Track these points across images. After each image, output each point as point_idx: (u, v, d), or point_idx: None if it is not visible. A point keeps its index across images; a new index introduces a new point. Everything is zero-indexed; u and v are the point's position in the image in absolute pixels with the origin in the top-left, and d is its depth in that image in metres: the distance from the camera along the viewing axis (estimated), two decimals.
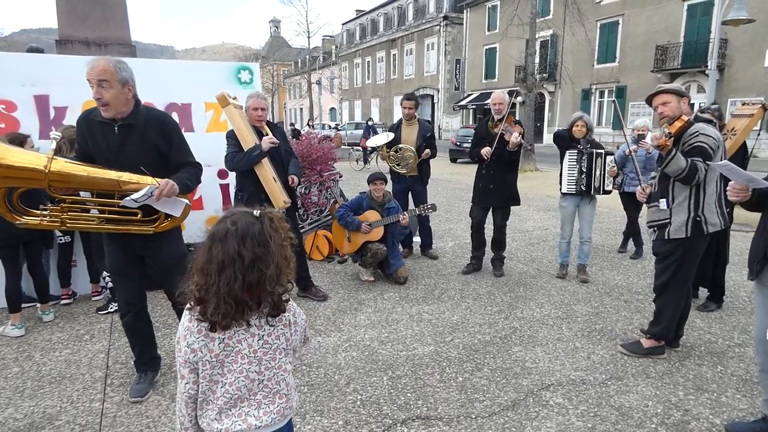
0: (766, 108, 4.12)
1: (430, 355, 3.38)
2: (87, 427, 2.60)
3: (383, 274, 5.02)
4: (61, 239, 4.19)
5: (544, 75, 26.00)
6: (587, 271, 5.03)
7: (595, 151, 4.63)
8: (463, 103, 32.69)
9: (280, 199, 3.91)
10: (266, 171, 3.90)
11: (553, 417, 2.68)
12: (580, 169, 4.67)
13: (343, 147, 19.98)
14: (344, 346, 3.53)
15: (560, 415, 2.70)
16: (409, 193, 5.65)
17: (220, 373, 1.39)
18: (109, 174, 2.55)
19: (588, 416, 2.69)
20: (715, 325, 3.89)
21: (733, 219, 4.08)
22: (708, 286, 4.25)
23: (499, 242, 5.15)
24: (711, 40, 18.49)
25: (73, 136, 3.61)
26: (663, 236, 3.19)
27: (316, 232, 5.78)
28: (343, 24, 50.93)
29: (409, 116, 5.52)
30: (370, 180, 4.95)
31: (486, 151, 4.74)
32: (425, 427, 2.59)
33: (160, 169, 2.64)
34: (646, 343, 3.37)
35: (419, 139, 5.41)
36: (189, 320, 1.38)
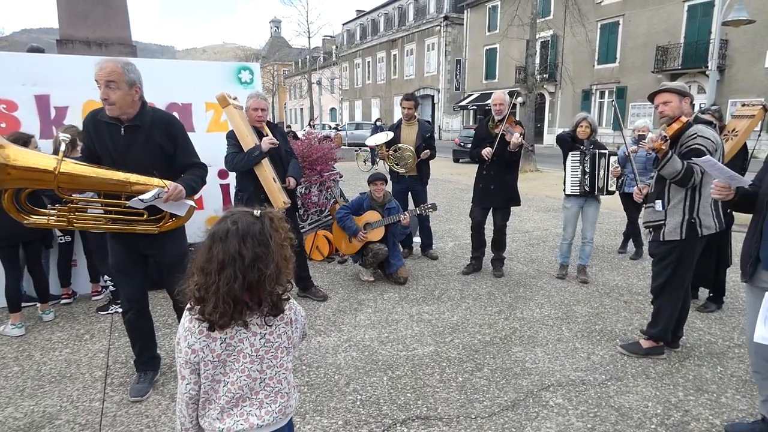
0: (767, 109, 4.12)
1: (430, 356, 3.39)
2: (87, 427, 2.60)
3: (383, 275, 5.02)
4: (62, 239, 4.20)
5: (545, 75, 26.03)
6: (587, 271, 5.03)
7: (598, 151, 4.63)
8: (463, 103, 32.69)
9: (279, 199, 3.91)
10: (266, 171, 3.91)
11: (553, 417, 2.68)
12: (584, 170, 4.67)
13: (343, 147, 20.01)
14: (344, 346, 3.54)
15: (560, 415, 2.70)
16: (409, 194, 5.65)
17: (222, 372, 1.38)
18: (118, 175, 2.57)
19: (588, 417, 2.69)
20: (715, 326, 3.89)
21: (734, 220, 4.09)
22: (709, 287, 4.25)
23: (499, 243, 5.15)
24: (711, 41, 18.49)
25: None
26: (658, 238, 3.20)
27: (316, 233, 5.78)
28: (344, 24, 50.94)
29: (408, 116, 5.52)
30: (371, 180, 4.96)
31: (487, 152, 4.75)
32: (425, 427, 2.60)
33: (166, 170, 2.67)
34: (645, 343, 3.37)
35: (418, 140, 5.41)
36: (189, 321, 1.37)
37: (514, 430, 2.57)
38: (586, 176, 4.66)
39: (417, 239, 6.14)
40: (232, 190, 4.38)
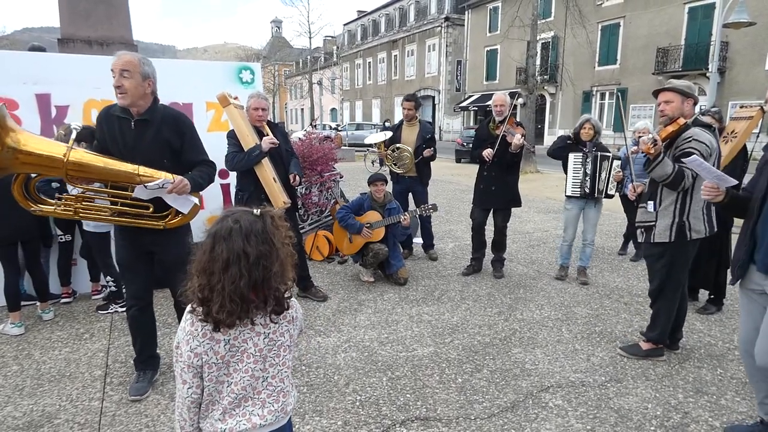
0: (765, 110, 4.12)
1: (430, 356, 3.38)
2: (86, 426, 2.60)
3: (383, 275, 5.02)
4: (62, 238, 4.19)
5: (545, 77, 26.03)
6: (587, 273, 5.03)
7: (600, 153, 4.63)
8: (464, 104, 32.70)
9: (279, 199, 3.91)
10: (266, 171, 3.91)
11: (553, 419, 2.68)
12: (585, 172, 4.67)
13: (344, 148, 20.01)
14: (344, 346, 3.53)
15: (559, 416, 2.70)
16: (410, 194, 5.65)
17: (226, 373, 1.37)
18: (126, 166, 2.61)
19: (587, 418, 2.69)
20: (715, 328, 3.88)
21: (734, 221, 4.09)
22: (709, 289, 4.25)
23: (500, 244, 5.14)
24: (712, 43, 18.52)
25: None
26: (649, 239, 3.21)
27: (317, 233, 5.78)
28: (345, 24, 50.96)
29: (409, 117, 5.52)
30: (371, 181, 4.95)
31: (488, 153, 4.75)
32: (424, 428, 2.59)
33: (174, 166, 2.71)
34: (645, 345, 3.37)
35: (419, 140, 5.40)
36: (191, 324, 1.35)
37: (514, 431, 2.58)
38: (587, 178, 4.66)
39: (417, 240, 6.13)
40: (233, 190, 4.38)
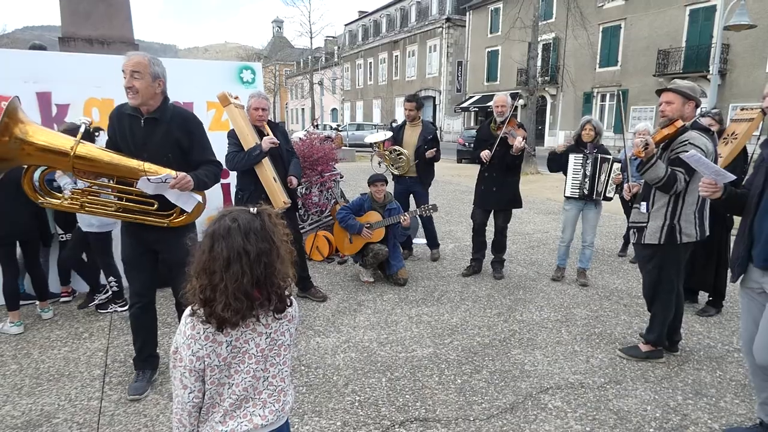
0: (766, 112, 4.12)
1: (429, 357, 3.38)
2: (85, 426, 2.60)
3: (383, 276, 5.01)
4: (62, 237, 4.19)
5: (546, 78, 26.05)
6: (587, 274, 5.02)
7: (600, 155, 4.63)
8: (464, 105, 32.70)
9: (279, 199, 3.91)
10: (266, 171, 3.91)
11: (552, 420, 2.68)
12: (584, 173, 4.67)
13: (344, 148, 20.00)
14: (343, 347, 3.53)
15: (558, 418, 2.70)
16: (411, 195, 5.65)
17: (227, 375, 1.36)
18: (132, 162, 2.66)
19: (586, 420, 2.68)
20: (714, 330, 3.88)
21: (734, 223, 4.08)
22: (708, 291, 4.25)
23: (500, 244, 5.14)
24: (713, 45, 18.52)
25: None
26: (640, 240, 3.21)
27: (317, 233, 5.78)
28: (346, 25, 50.97)
29: (410, 117, 5.52)
30: (371, 182, 4.95)
31: (485, 155, 4.76)
32: (423, 429, 2.59)
33: (182, 165, 2.75)
34: (644, 347, 3.37)
35: (419, 141, 5.40)
36: (191, 328, 1.33)
37: None
38: (586, 180, 4.66)
39: (417, 240, 6.14)
40: (233, 190, 4.38)
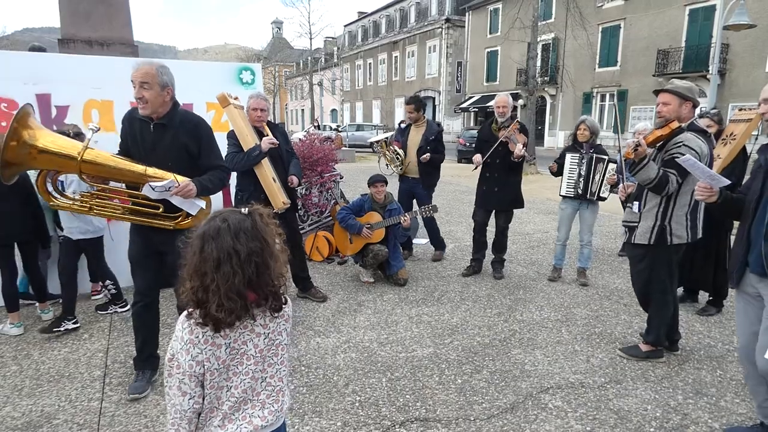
0: (762, 117, 4.12)
1: (429, 357, 3.38)
2: (85, 426, 2.60)
3: (383, 276, 5.01)
4: (62, 238, 4.18)
5: (546, 78, 26.05)
6: (587, 274, 5.02)
7: (596, 155, 4.64)
8: (464, 105, 32.71)
9: (279, 199, 3.91)
10: (266, 171, 3.91)
11: (552, 420, 2.68)
12: (579, 173, 4.69)
13: (344, 148, 20.01)
14: (343, 347, 3.53)
15: (559, 418, 2.70)
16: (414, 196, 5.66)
17: (225, 378, 1.35)
18: (136, 167, 2.72)
19: (587, 419, 2.68)
20: (715, 330, 3.88)
21: (733, 224, 4.08)
22: (708, 291, 4.25)
23: (501, 245, 5.15)
24: (712, 45, 18.52)
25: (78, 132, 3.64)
26: (631, 239, 3.21)
27: (316, 233, 5.78)
28: (345, 26, 50.99)
29: (412, 119, 5.56)
30: (371, 182, 4.95)
31: (477, 159, 4.89)
32: (424, 429, 2.59)
33: (189, 170, 2.78)
34: (645, 347, 3.37)
35: (421, 142, 5.42)
36: (189, 332, 1.30)
37: None
38: (581, 179, 4.68)
39: (417, 241, 6.14)
40: (233, 190, 4.38)
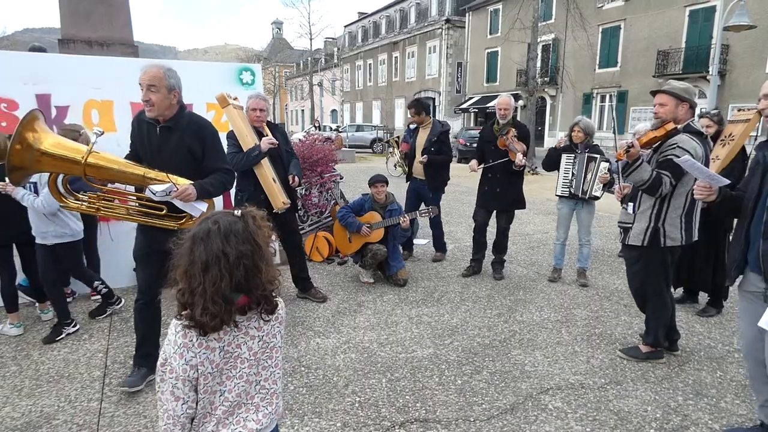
0: (762, 114, 4.12)
1: (429, 358, 3.38)
2: (84, 427, 2.59)
3: (383, 276, 5.01)
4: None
5: (546, 79, 26.04)
6: (587, 275, 5.02)
7: (587, 155, 4.66)
8: (464, 106, 32.70)
9: (279, 200, 3.91)
10: (265, 172, 3.91)
11: (552, 421, 2.68)
12: (573, 173, 4.73)
13: (344, 149, 20.01)
14: (343, 347, 3.53)
15: (559, 419, 2.70)
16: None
17: (219, 382, 1.33)
18: (137, 170, 2.76)
19: (587, 420, 2.68)
20: (715, 330, 3.88)
21: (733, 225, 4.08)
22: (707, 291, 4.25)
23: (501, 245, 5.16)
24: (712, 46, 18.53)
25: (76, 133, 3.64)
26: (625, 240, 3.21)
27: (316, 234, 5.78)
28: (345, 26, 50.99)
29: (415, 122, 5.61)
30: (371, 182, 4.96)
31: (472, 165, 5.00)
32: (423, 430, 2.59)
33: (193, 172, 2.80)
34: (645, 348, 3.37)
35: (425, 143, 5.45)
36: (183, 336, 1.29)
37: None
38: (574, 179, 4.70)
39: (417, 241, 6.14)
40: (232, 191, 4.38)
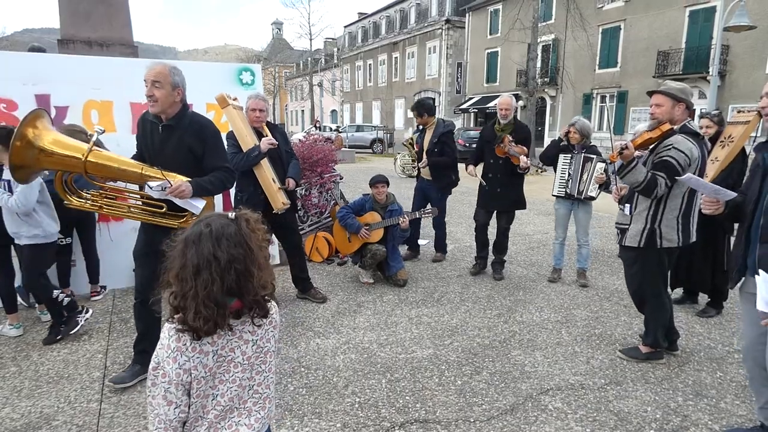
0: (762, 115, 4.12)
1: (429, 358, 3.38)
2: (84, 428, 2.59)
3: (383, 277, 5.01)
4: (62, 241, 4.17)
5: (546, 79, 26.03)
6: (587, 275, 5.02)
7: (584, 155, 4.67)
8: (464, 106, 32.71)
9: (278, 200, 3.91)
10: (265, 172, 3.90)
11: (552, 422, 2.67)
12: (569, 173, 4.74)
13: (344, 149, 20.00)
14: (343, 348, 3.53)
15: (559, 419, 2.69)
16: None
17: (212, 386, 1.32)
18: (134, 166, 2.79)
19: (587, 421, 2.68)
20: (715, 331, 3.88)
21: (733, 228, 4.08)
22: (706, 292, 4.25)
23: (501, 245, 5.16)
24: (712, 47, 18.53)
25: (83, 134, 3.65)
26: (622, 242, 3.21)
27: (316, 234, 5.78)
28: (345, 26, 50.98)
29: (419, 124, 5.64)
30: (372, 183, 4.95)
31: (471, 171, 5.10)
32: (423, 431, 2.59)
33: (195, 171, 2.82)
34: (644, 348, 3.37)
35: (429, 144, 5.47)
36: (177, 340, 1.27)
37: None
38: (570, 179, 4.71)
39: (423, 241, 6.14)
40: (232, 191, 4.38)
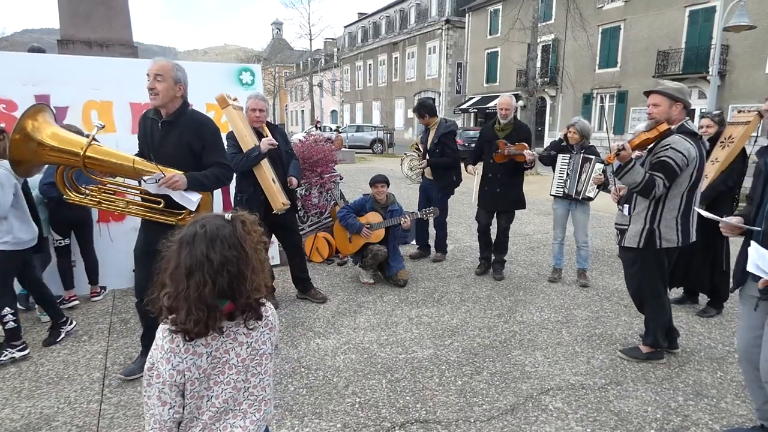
0: (762, 116, 4.13)
1: (429, 359, 3.37)
2: (84, 428, 2.59)
3: (383, 277, 5.01)
4: (60, 242, 4.16)
5: (546, 79, 26.05)
6: (587, 275, 5.02)
7: (583, 155, 4.67)
8: (464, 106, 32.72)
9: (278, 200, 3.90)
10: (265, 172, 3.90)
11: (552, 422, 2.67)
12: (567, 173, 4.74)
13: (344, 149, 19.99)
14: (343, 348, 3.53)
15: (559, 419, 2.69)
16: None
17: (206, 387, 1.32)
18: (128, 160, 2.81)
19: (587, 421, 2.68)
20: (715, 331, 3.88)
21: None
22: (706, 292, 4.25)
23: (502, 245, 5.17)
24: (712, 46, 18.54)
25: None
26: (621, 242, 3.21)
27: (316, 234, 5.78)
28: (345, 27, 51.01)
29: (423, 125, 5.67)
30: (372, 183, 4.95)
31: (471, 170, 5.13)
32: (424, 431, 2.58)
33: (193, 168, 2.85)
34: (645, 348, 3.36)
35: (431, 144, 5.50)
36: (170, 341, 1.28)
37: None
38: (568, 179, 4.72)
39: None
40: (232, 191, 4.38)
